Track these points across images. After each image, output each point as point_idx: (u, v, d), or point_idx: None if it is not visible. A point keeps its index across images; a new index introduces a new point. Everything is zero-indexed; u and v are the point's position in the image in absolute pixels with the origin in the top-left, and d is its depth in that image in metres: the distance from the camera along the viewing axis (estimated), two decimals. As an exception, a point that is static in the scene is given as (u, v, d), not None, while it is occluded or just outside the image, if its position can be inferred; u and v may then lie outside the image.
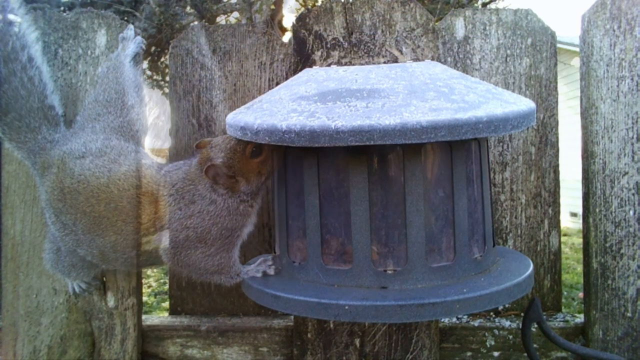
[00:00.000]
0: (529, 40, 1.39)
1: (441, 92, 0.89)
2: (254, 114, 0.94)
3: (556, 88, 1.40)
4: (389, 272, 0.92)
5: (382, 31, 1.29)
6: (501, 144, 1.39)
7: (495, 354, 1.33)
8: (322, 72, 1.05)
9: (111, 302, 1.36)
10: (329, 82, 0.97)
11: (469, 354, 1.34)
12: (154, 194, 1.13)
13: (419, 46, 1.28)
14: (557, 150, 1.40)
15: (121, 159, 1.17)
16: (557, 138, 1.40)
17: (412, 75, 0.96)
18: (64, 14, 1.40)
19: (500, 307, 1.41)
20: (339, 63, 1.29)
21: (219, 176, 1.08)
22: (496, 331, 1.33)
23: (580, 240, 1.38)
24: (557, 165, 1.39)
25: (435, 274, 0.92)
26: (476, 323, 1.35)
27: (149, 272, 5.05)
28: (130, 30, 1.34)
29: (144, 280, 4.57)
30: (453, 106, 0.84)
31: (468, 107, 0.84)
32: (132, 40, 1.33)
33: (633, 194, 1.28)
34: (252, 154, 1.09)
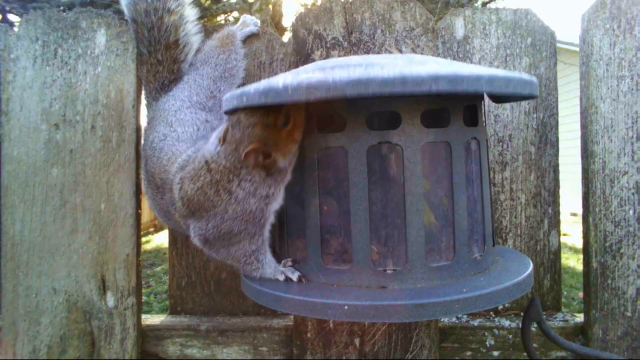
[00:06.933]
0: (529, 40, 1.39)
1: (441, 63, 0.89)
2: (252, 85, 0.93)
3: (556, 88, 1.40)
4: (389, 272, 0.92)
5: (382, 31, 1.29)
6: (501, 143, 1.39)
7: (495, 353, 1.33)
8: (321, 60, 1.06)
9: (111, 302, 1.36)
10: (329, 62, 0.98)
11: (468, 353, 1.34)
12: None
13: (418, 46, 1.28)
14: (557, 150, 1.40)
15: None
16: (557, 138, 1.40)
17: (410, 57, 0.98)
18: (64, 14, 1.40)
19: (500, 307, 1.41)
20: (338, 63, 1.29)
21: (259, 160, 0.95)
22: (496, 331, 1.33)
23: (581, 240, 1.38)
24: (557, 165, 1.39)
25: (435, 274, 0.92)
26: (476, 323, 1.35)
27: (148, 272, 5.05)
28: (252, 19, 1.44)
29: (144, 280, 4.57)
30: (454, 68, 0.84)
31: (470, 70, 0.84)
32: (252, 24, 1.43)
33: (633, 194, 1.28)
34: (284, 124, 0.95)
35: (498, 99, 1.15)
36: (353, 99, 0.92)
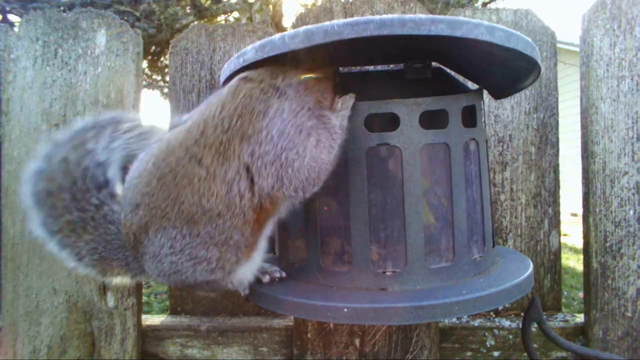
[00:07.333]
0: (529, 40, 1.39)
1: None
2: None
3: (556, 88, 1.40)
4: (388, 273, 0.92)
5: (382, 31, 1.29)
6: (501, 144, 1.39)
7: (495, 353, 1.33)
8: None
9: (111, 302, 1.36)
10: None
11: (469, 353, 1.34)
12: None
13: (418, 46, 1.28)
14: (557, 150, 1.40)
15: None
16: (557, 138, 1.40)
17: None
18: (64, 14, 1.40)
19: (500, 307, 1.41)
20: (338, 63, 1.28)
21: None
22: (496, 331, 1.33)
23: (581, 240, 1.38)
24: (557, 165, 1.39)
25: (434, 275, 0.92)
26: (476, 323, 1.35)
27: (149, 271, 5.05)
28: None
29: (143, 280, 4.56)
30: None
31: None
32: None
33: (633, 194, 1.28)
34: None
35: (499, 93, 1.15)
36: (355, 80, 0.92)
